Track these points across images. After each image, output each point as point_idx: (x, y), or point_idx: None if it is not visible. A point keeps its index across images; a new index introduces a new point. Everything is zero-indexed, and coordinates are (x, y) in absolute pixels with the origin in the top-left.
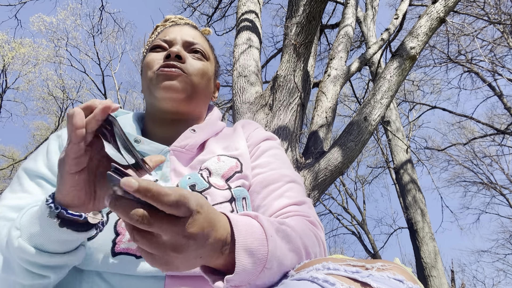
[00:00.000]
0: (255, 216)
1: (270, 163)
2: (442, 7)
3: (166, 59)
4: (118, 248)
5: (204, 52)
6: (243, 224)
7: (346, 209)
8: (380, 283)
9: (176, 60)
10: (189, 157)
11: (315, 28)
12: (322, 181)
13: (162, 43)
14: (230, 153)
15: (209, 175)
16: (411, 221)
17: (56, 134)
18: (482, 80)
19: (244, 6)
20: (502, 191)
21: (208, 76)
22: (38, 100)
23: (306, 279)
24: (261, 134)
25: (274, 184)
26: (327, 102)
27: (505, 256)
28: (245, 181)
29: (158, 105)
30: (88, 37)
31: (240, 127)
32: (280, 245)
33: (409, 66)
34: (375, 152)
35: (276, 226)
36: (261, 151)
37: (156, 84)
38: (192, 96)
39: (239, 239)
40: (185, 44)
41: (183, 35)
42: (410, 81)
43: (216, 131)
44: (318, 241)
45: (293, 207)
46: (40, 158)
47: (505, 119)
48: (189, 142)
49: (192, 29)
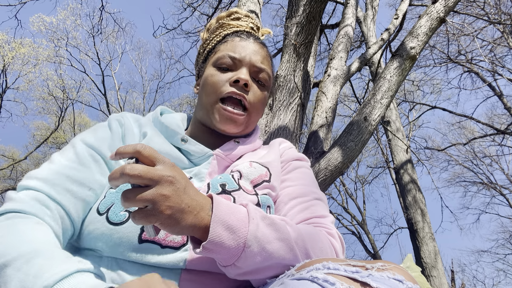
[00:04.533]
0: (245, 204)
1: (300, 178)
2: (442, 7)
3: (234, 83)
4: (145, 236)
5: (268, 80)
6: (225, 205)
7: (346, 209)
8: (380, 283)
9: (243, 88)
10: (227, 165)
11: (315, 28)
12: (322, 181)
13: (228, 61)
14: (262, 162)
15: (240, 177)
16: (411, 221)
17: (116, 119)
18: (482, 80)
19: (244, 6)
20: (502, 191)
21: (264, 103)
22: (38, 100)
23: (306, 278)
24: (294, 153)
25: (302, 198)
26: (327, 102)
27: (505, 256)
28: (271, 191)
29: (214, 127)
30: (88, 37)
31: (277, 144)
32: (263, 230)
33: (409, 66)
34: (375, 152)
35: (263, 214)
36: (292, 167)
37: (217, 114)
38: (247, 127)
39: (216, 213)
40: (253, 68)
41: (252, 56)
42: (410, 81)
43: (254, 147)
44: (331, 250)
45: (315, 219)
46: (100, 135)
47: (505, 119)
48: (232, 152)
49: (260, 48)
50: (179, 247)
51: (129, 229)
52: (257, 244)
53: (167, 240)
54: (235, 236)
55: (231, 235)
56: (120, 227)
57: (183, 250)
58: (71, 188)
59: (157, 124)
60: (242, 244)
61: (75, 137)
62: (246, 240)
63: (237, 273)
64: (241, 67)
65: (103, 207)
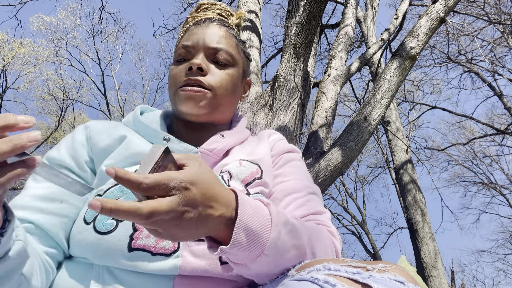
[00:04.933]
0: (267, 203)
1: (293, 173)
2: (442, 7)
3: (188, 71)
4: (135, 244)
5: (229, 58)
6: (250, 206)
7: (346, 209)
8: (381, 285)
9: (198, 73)
10: (214, 162)
11: (315, 28)
12: (322, 181)
13: (183, 52)
14: (252, 159)
15: (230, 178)
16: (411, 221)
17: (84, 125)
18: (482, 80)
19: (244, 6)
20: (502, 191)
21: (233, 83)
22: (38, 100)
23: (307, 279)
24: (285, 145)
25: (297, 193)
26: (327, 102)
27: (505, 256)
28: (264, 188)
29: (183, 117)
30: (88, 37)
31: (266, 136)
32: (284, 238)
33: (409, 66)
34: (375, 152)
35: (285, 219)
36: (284, 161)
37: (179, 101)
38: (216, 109)
39: (241, 218)
40: (208, 51)
41: (206, 39)
42: (410, 81)
43: (242, 139)
44: (332, 251)
45: (314, 216)
46: (63, 148)
47: (505, 119)
48: (217, 147)
49: (217, 28)
50: (170, 254)
51: (118, 238)
52: (274, 252)
53: (158, 247)
54: (255, 243)
55: (251, 241)
56: (108, 236)
57: (175, 256)
58: (41, 206)
59: (137, 125)
60: (260, 251)
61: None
62: (265, 248)
63: (246, 273)
64: (196, 53)
65: (89, 215)
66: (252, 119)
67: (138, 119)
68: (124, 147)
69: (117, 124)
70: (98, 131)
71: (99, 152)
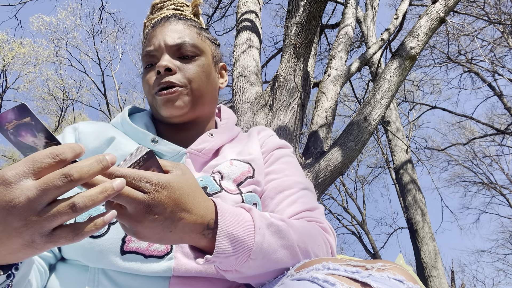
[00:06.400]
0: (249, 209)
1: (284, 169)
2: (442, 7)
3: (158, 75)
4: (127, 247)
5: (193, 49)
6: (230, 213)
7: (346, 209)
8: (380, 283)
9: (167, 74)
10: (204, 161)
11: (315, 28)
12: (322, 181)
13: (148, 59)
14: (243, 158)
15: (221, 179)
16: (411, 221)
17: (72, 126)
18: (482, 80)
19: (244, 6)
20: (502, 191)
21: (206, 72)
22: (38, 100)
23: (306, 279)
24: (275, 141)
25: (288, 190)
26: (327, 102)
27: (505, 256)
28: (257, 186)
29: (167, 120)
30: (88, 37)
31: (256, 133)
32: (269, 240)
33: (409, 66)
34: (375, 152)
35: (268, 221)
36: (275, 158)
37: (158, 107)
38: (196, 103)
39: (222, 226)
40: (172, 49)
41: (166, 38)
42: (410, 81)
43: (232, 137)
44: (327, 247)
45: (306, 213)
46: None
47: (505, 119)
48: (206, 146)
49: (174, 24)
50: (163, 256)
51: (110, 241)
52: (262, 255)
53: (150, 249)
54: (240, 249)
55: (236, 247)
56: (100, 239)
57: (168, 258)
58: None
59: (125, 126)
60: (246, 256)
61: None
62: (251, 252)
63: (237, 277)
64: (160, 55)
65: (80, 219)
66: (252, 119)
67: (126, 121)
68: (113, 149)
69: (106, 126)
70: (87, 133)
71: (87, 154)
